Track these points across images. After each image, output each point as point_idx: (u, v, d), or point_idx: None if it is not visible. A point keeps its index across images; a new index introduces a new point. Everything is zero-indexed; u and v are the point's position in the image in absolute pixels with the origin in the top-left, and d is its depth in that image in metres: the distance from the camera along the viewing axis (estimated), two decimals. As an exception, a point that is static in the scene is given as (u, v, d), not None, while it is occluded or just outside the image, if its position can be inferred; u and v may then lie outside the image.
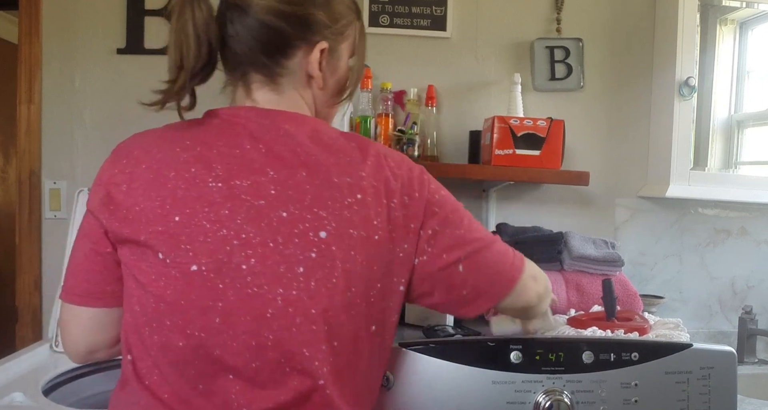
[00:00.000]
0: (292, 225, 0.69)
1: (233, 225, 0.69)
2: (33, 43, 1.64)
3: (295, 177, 0.71)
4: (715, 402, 1.03)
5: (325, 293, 0.69)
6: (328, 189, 0.71)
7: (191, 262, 0.68)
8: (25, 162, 1.65)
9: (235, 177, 0.70)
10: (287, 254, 0.68)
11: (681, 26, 1.64)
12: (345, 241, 0.69)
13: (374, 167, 0.74)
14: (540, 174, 1.53)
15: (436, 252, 0.76)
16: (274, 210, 0.69)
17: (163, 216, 0.69)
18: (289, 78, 0.78)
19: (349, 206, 0.70)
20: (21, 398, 1.10)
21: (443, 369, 1.00)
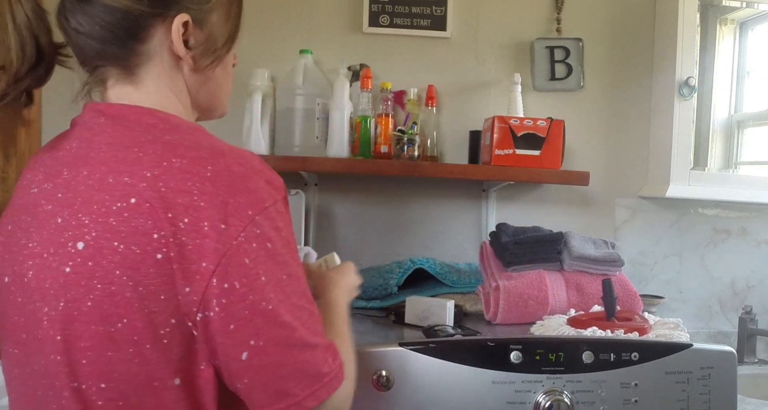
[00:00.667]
0: (60, 234, 0.60)
1: (29, 233, 0.63)
2: (33, 43, 1.63)
3: (77, 177, 0.61)
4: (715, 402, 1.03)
5: (79, 318, 0.58)
6: (100, 191, 0.59)
7: (4, 274, 0.65)
8: (25, 162, 1.64)
9: (47, 180, 0.64)
10: (53, 267, 0.60)
11: (681, 26, 1.64)
12: (107, 256, 0.57)
13: (178, 171, 0.59)
14: (540, 174, 1.53)
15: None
16: (54, 216, 0.61)
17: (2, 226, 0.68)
18: (149, 66, 0.67)
19: (118, 212, 0.58)
20: (21, 398, 1.10)
21: (443, 369, 1.00)
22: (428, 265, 1.47)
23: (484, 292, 1.36)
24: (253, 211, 0.59)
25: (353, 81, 1.59)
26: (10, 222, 0.66)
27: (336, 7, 1.67)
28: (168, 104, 0.69)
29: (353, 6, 1.67)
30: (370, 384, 0.97)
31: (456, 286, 1.46)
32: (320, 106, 1.55)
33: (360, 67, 1.63)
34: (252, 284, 0.58)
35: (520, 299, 1.29)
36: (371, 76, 1.58)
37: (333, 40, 1.67)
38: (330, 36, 1.68)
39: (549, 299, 1.29)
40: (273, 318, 0.59)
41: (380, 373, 0.97)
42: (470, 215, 1.73)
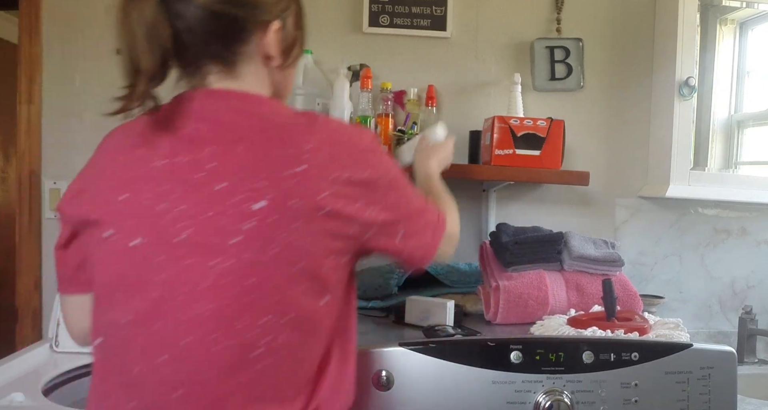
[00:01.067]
0: (228, 197, 0.69)
1: (172, 199, 0.70)
2: (33, 43, 1.64)
3: (234, 151, 0.71)
4: (715, 402, 1.03)
5: (261, 265, 0.69)
6: (267, 159, 0.70)
7: (133, 236, 0.71)
8: (25, 162, 1.65)
9: (178, 154, 0.72)
10: (222, 225, 0.68)
11: (681, 26, 1.64)
12: (286, 212, 0.69)
13: (321, 141, 0.72)
14: (540, 174, 1.53)
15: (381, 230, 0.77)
16: (211, 184, 0.69)
17: (113, 196, 0.73)
18: (246, 62, 0.78)
19: (293, 177, 0.69)
20: (21, 398, 1.10)
21: (443, 369, 1.00)
22: (428, 265, 1.47)
23: (484, 292, 1.36)
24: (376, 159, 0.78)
25: (353, 81, 1.59)
26: (126, 191, 0.72)
27: (336, 7, 1.67)
28: (261, 93, 0.80)
29: (353, 6, 1.67)
30: (370, 383, 0.97)
31: (456, 286, 1.46)
32: (320, 106, 1.54)
33: (360, 67, 1.63)
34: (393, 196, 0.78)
35: (520, 299, 1.29)
36: (371, 76, 1.58)
37: (333, 40, 1.67)
38: (330, 36, 1.68)
39: (549, 299, 1.29)
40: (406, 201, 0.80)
41: (380, 373, 0.97)
42: (470, 215, 1.72)
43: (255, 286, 0.69)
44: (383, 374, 0.98)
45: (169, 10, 0.72)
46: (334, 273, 0.74)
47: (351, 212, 0.72)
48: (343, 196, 0.71)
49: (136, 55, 0.71)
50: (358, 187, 0.73)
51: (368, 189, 0.74)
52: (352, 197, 0.73)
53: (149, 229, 0.70)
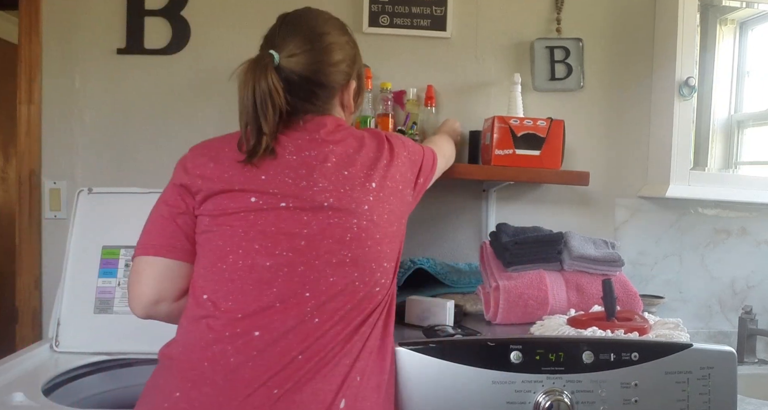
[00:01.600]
0: (354, 179, 0.95)
1: (311, 179, 0.93)
2: (33, 43, 1.64)
3: (348, 152, 0.98)
4: (715, 402, 1.03)
5: (383, 224, 0.96)
6: (369, 158, 0.99)
7: (280, 201, 0.92)
8: (25, 162, 1.65)
9: (305, 150, 0.96)
10: (355, 196, 0.94)
11: (681, 26, 1.64)
12: (386, 190, 0.98)
13: (389, 144, 1.04)
14: (540, 174, 1.53)
15: (415, 185, 1.08)
16: (339, 170, 0.95)
17: (252, 177, 0.93)
18: (332, 107, 1.04)
19: (385, 166, 0.99)
20: (21, 398, 1.10)
21: (443, 369, 1.00)
22: (428, 265, 1.47)
23: (484, 292, 1.36)
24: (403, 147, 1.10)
25: (353, 81, 1.59)
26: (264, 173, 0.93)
27: (336, 7, 1.67)
28: None
29: (353, 6, 1.67)
30: (370, 384, 0.97)
31: (456, 286, 1.46)
32: (320, 106, 1.54)
33: (360, 67, 1.63)
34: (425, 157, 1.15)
35: (520, 299, 1.29)
36: (371, 76, 1.58)
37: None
38: (330, 36, 1.67)
39: (549, 299, 1.29)
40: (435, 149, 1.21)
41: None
42: (470, 215, 1.73)
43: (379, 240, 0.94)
44: (383, 374, 0.97)
45: (281, 79, 0.95)
46: (404, 234, 1.04)
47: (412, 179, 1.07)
48: (403, 173, 1.03)
49: (258, 118, 0.92)
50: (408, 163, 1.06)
51: (411, 162, 1.07)
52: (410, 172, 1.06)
53: (293, 196, 0.92)
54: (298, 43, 0.97)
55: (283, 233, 0.90)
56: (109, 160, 1.66)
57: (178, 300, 0.96)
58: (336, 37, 1.01)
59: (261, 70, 0.92)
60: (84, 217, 1.45)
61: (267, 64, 0.93)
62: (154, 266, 0.95)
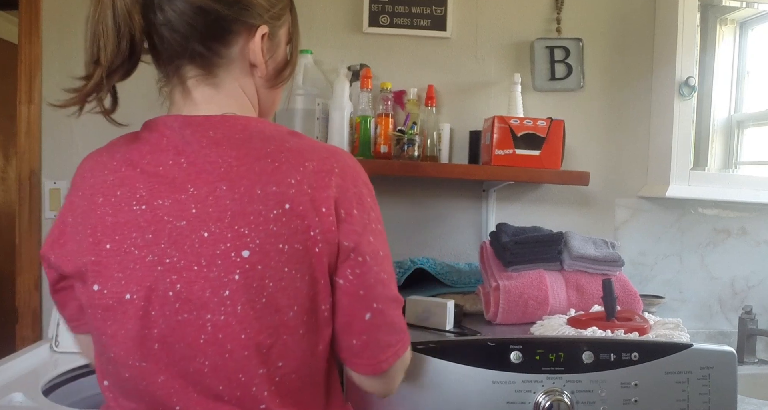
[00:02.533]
0: (214, 246, 0.64)
1: (158, 250, 0.66)
2: (33, 43, 1.64)
3: (215, 192, 0.65)
4: (715, 402, 1.03)
5: (254, 316, 0.65)
6: (251, 202, 0.65)
7: (124, 291, 0.66)
8: (25, 162, 1.65)
9: (158, 197, 0.67)
10: (211, 277, 0.64)
11: (681, 26, 1.64)
12: (273, 258, 0.64)
13: (313, 173, 0.67)
14: (540, 174, 1.53)
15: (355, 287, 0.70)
16: (196, 231, 0.65)
17: (95, 245, 0.68)
18: (229, 68, 0.73)
19: (276, 219, 0.64)
20: (21, 398, 1.10)
21: (443, 369, 1.00)
22: (428, 265, 1.47)
23: (484, 292, 1.36)
24: (371, 199, 0.72)
25: (353, 81, 1.59)
26: (109, 241, 0.67)
27: (336, 7, 1.67)
28: (245, 108, 0.75)
29: (353, 6, 1.67)
30: (370, 384, 0.97)
31: (456, 286, 1.46)
32: (320, 106, 1.55)
33: (360, 67, 1.63)
34: (375, 258, 0.70)
35: (520, 299, 1.29)
36: (371, 76, 1.58)
37: (333, 40, 1.67)
38: (330, 36, 1.68)
39: (549, 299, 1.29)
40: (387, 284, 0.72)
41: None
42: (470, 215, 1.72)
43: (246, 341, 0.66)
44: (383, 374, 0.97)
45: (151, 1, 0.68)
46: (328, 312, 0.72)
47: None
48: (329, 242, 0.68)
49: (98, 45, 0.67)
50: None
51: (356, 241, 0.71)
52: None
53: (138, 282, 0.66)
54: None
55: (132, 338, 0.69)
56: (109, 160, 1.66)
57: None
58: None
59: None
60: (84, 217, 1.45)
61: None
62: (81, 343, 0.82)
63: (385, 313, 0.71)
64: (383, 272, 0.71)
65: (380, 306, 0.71)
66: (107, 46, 0.67)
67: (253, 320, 0.65)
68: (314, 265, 0.66)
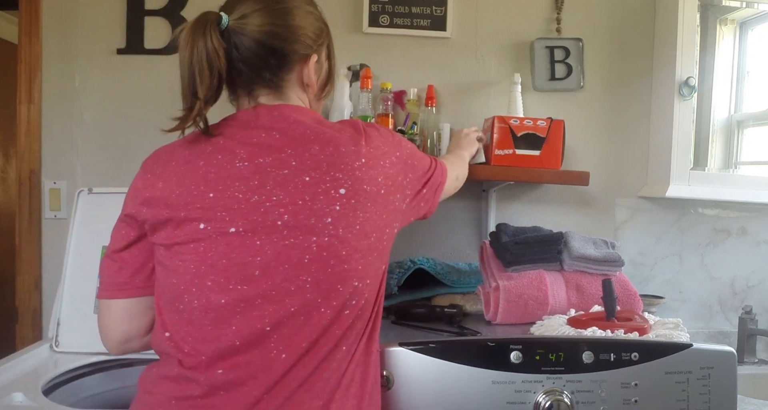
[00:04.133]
0: (316, 186, 0.82)
1: (264, 191, 0.81)
2: (33, 43, 1.64)
3: (311, 150, 0.84)
4: (715, 402, 1.03)
5: (352, 238, 0.82)
6: (339, 156, 0.84)
7: (229, 226, 0.81)
8: (25, 162, 1.65)
9: (258, 157, 0.83)
10: (315, 208, 0.81)
11: (681, 26, 1.64)
12: (361, 195, 0.83)
13: (369, 139, 0.89)
14: (540, 174, 1.53)
15: (413, 193, 0.95)
16: (298, 176, 0.82)
17: (199, 195, 0.81)
18: (291, 88, 0.92)
19: (359, 168, 0.84)
20: (21, 398, 1.10)
21: (443, 369, 1.00)
22: (428, 265, 1.47)
23: (484, 292, 1.36)
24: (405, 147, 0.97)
25: (353, 81, 1.59)
26: (212, 191, 0.82)
27: (336, 7, 1.67)
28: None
29: (353, 6, 1.67)
30: (370, 384, 0.97)
31: (456, 286, 1.46)
32: (320, 106, 1.54)
33: (360, 67, 1.63)
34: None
35: (520, 299, 1.29)
36: (371, 76, 1.58)
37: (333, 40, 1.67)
38: (330, 36, 1.68)
39: (549, 299, 1.29)
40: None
41: (381, 373, 0.97)
42: (470, 215, 1.72)
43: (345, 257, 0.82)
44: (384, 374, 0.98)
45: (228, 41, 0.85)
46: (389, 243, 0.90)
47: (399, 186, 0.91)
48: (391, 176, 0.89)
49: (194, 82, 0.82)
50: (399, 165, 0.91)
51: (406, 165, 0.93)
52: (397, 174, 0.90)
53: (243, 218, 0.80)
54: (252, 4, 0.86)
55: (235, 265, 0.80)
56: (109, 160, 1.66)
57: (146, 335, 0.91)
58: (299, 2, 0.91)
59: (201, 29, 0.82)
60: (84, 217, 1.45)
61: (209, 22, 0.82)
62: (112, 310, 0.89)
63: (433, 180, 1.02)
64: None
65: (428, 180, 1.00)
66: (203, 82, 0.82)
67: (351, 240, 0.82)
68: (393, 199, 0.89)
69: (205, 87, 0.82)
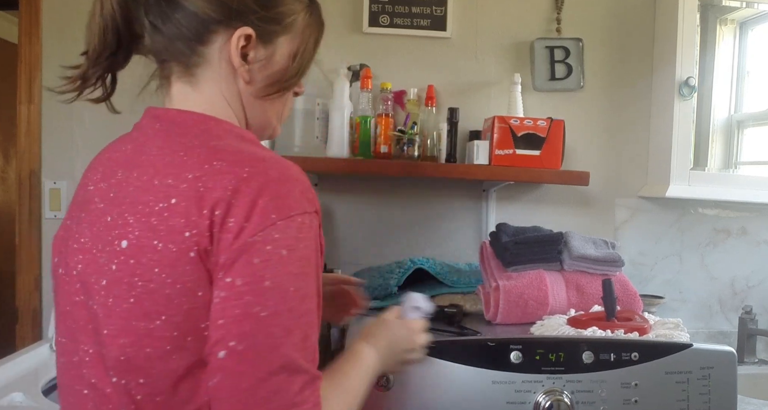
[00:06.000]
0: (109, 232, 0.63)
1: (82, 229, 0.67)
2: (33, 43, 1.64)
3: (128, 179, 0.65)
4: (715, 402, 1.03)
5: (120, 314, 0.60)
6: (145, 192, 0.62)
7: (59, 266, 0.70)
8: (25, 162, 1.65)
9: (102, 180, 0.68)
10: (100, 263, 0.63)
11: (681, 26, 1.64)
12: (147, 255, 0.59)
13: (216, 172, 0.60)
14: (540, 174, 1.53)
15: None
16: (104, 215, 0.64)
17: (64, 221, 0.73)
18: (207, 68, 0.70)
19: (159, 213, 0.60)
20: (21, 398, 1.10)
21: (443, 369, 1.00)
22: (428, 265, 1.47)
23: (484, 292, 1.36)
24: (276, 215, 0.59)
25: (353, 81, 1.59)
26: (69, 218, 0.71)
27: (336, 7, 1.67)
28: (220, 109, 0.71)
29: (353, 6, 1.67)
30: (370, 384, 0.97)
31: (456, 286, 1.45)
32: (320, 106, 1.55)
33: (360, 67, 1.63)
34: (253, 285, 0.58)
35: (520, 299, 1.29)
36: (371, 76, 1.58)
37: (333, 40, 1.67)
38: (330, 36, 1.66)
39: (549, 299, 1.29)
40: (263, 326, 0.57)
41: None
42: (470, 215, 1.72)
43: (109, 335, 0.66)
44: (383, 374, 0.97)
45: (144, 3, 0.68)
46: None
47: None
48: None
49: (88, 37, 0.69)
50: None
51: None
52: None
53: (64, 258, 0.69)
54: None
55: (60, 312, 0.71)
56: (109, 160, 1.66)
57: None
58: None
59: None
60: (84, 217, 1.45)
61: None
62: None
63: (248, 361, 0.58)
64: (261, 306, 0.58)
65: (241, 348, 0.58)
66: (94, 38, 0.69)
67: (120, 319, 0.61)
68: (190, 272, 0.59)
69: (96, 42, 0.69)
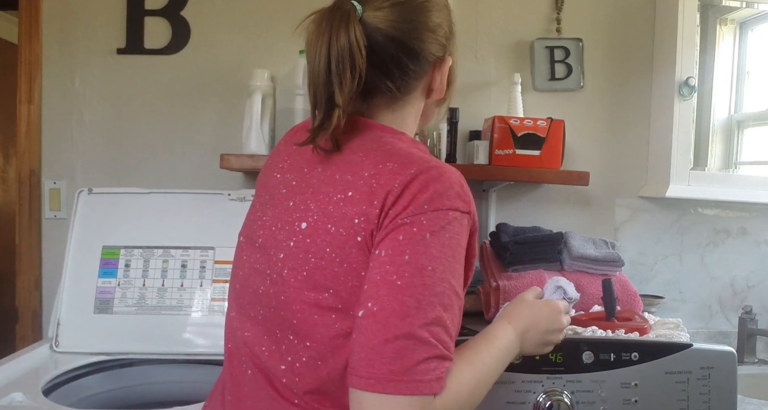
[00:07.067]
0: (289, 214, 0.72)
1: (265, 208, 0.77)
2: (33, 43, 1.64)
3: (312, 172, 0.74)
4: (715, 402, 1.03)
5: (294, 284, 0.69)
6: (326, 184, 0.71)
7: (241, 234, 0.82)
8: (25, 162, 1.65)
9: (289, 171, 0.77)
10: (279, 239, 0.72)
11: (681, 26, 1.64)
12: (321, 236, 0.68)
13: (389, 171, 0.67)
14: (540, 174, 1.53)
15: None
16: (287, 200, 0.74)
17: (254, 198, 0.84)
18: (412, 97, 0.78)
19: (336, 202, 0.68)
20: (21, 398, 1.10)
21: (443, 369, 0.99)
22: (428, 265, 1.47)
23: (484, 292, 1.36)
24: (429, 206, 0.65)
25: (353, 81, 1.59)
26: (256, 195, 0.82)
27: (336, 7, 1.67)
28: (404, 124, 0.79)
29: (353, 6, 1.67)
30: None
31: (456, 286, 1.45)
32: (320, 106, 1.54)
33: (360, 67, 1.62)
34: (394, 257, 0.64)
35: (520, 299, 1.28)
36: (371, 76, 1.58)
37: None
38: (330, 36, 1.67)
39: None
40: (397, 293, 0.62)
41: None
42: (470, 215, 1.72)
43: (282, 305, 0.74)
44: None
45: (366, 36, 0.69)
46: None
47: None
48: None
49: (331, 84, 0.68)
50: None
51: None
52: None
53: (246, 230, 0.80)
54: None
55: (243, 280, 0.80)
56: (109, 160, 1.66)
57: None
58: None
59: (341, 21, 0.68)
60: (84, 217, 1.45)
61: (349, 13, 0.68)
62: None
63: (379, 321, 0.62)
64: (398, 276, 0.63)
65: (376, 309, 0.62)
66: (345, 85, 0.68)
67: (292, 288, 0.70)
68: (356, 254, 0.66)
69: (346, 91, 0.68)
